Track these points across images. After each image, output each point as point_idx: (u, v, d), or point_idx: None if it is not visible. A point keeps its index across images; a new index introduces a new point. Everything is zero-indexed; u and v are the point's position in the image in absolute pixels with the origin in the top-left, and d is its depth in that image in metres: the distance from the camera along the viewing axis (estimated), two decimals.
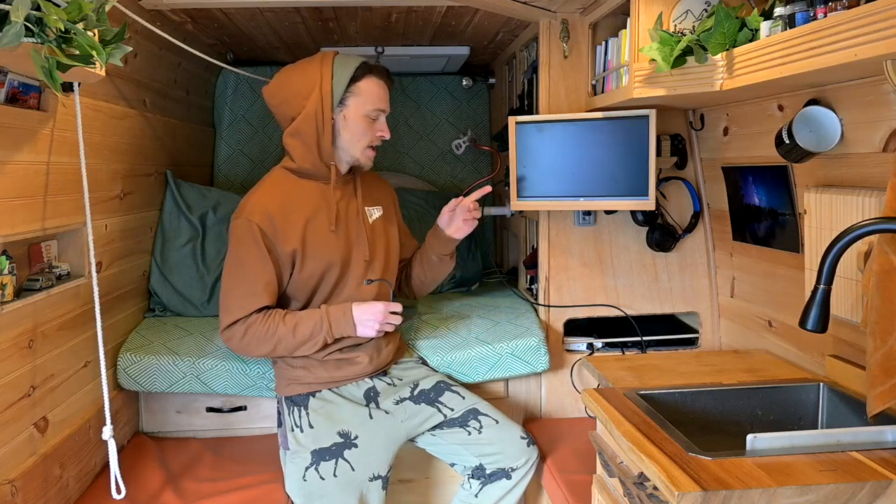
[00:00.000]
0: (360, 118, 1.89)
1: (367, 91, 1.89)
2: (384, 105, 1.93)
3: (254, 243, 1.84)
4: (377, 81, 1.91)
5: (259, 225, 1.84)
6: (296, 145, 1.90)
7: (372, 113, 1.90)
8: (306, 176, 1.94)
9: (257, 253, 1.84)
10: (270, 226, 1.85)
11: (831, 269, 1.28)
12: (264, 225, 1.84)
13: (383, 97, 1.93)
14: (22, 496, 1.55)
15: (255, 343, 1.85)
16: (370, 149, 1.94)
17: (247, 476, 1.96)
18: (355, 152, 1.92)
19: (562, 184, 2.17)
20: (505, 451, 1.93)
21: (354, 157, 1.93)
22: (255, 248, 1.84)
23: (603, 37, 2.15)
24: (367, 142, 1.92)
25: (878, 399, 1.31)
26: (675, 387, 1.68)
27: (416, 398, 1.98)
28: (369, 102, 1.89)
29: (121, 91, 2.12)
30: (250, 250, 1.84)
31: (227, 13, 2.29)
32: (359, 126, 1.90)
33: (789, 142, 1.60)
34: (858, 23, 1.17)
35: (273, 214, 1.86)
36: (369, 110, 1.90)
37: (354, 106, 1.89)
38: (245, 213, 1.86)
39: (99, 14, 1.33)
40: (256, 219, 1.84)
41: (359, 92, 1.89)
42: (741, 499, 1.15)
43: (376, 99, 1.91)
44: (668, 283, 2.40)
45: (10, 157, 1.52)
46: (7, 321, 1.53)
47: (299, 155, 1.91)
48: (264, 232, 1.84)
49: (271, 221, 1.85)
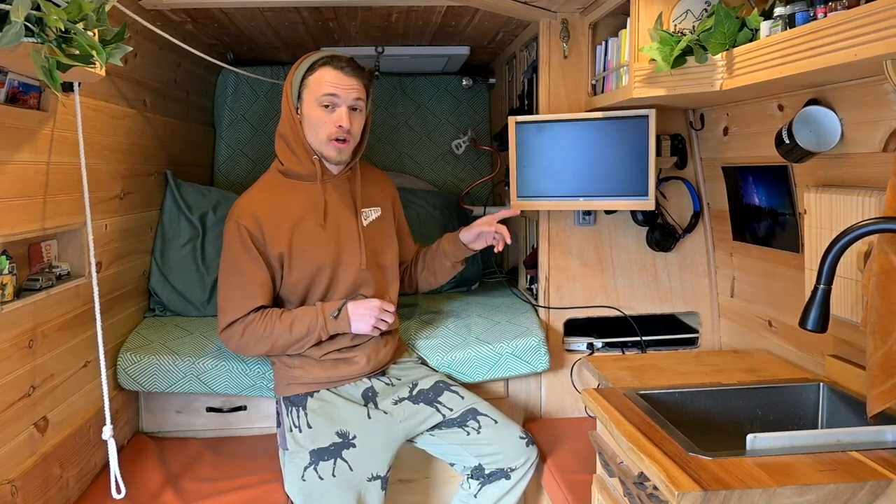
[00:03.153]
0: (313, 108, 1.86)
1: (319, 80, 1.86)
2: (335, 90, 1.84)
3: (243, 246, 1.86)
4: (330, 70, 1.86)
5: (247, 227, 1.86)
6: (281, 147, 1.95)
7: (322, 100, 1.84)
8: (295, 177, 1.94)
9: (248, 255, 1.86)
10: (258, 228, 1.87)
11: (831, 269, 1.28)
12: (252, 227, 1.86)
13: (335, 84, 1.84)
14: (22, 496, 1.55)
15: (253, 342, 1.86)
16: (335, 141, 1.87)
17: (246, 476, 1.96)
18: (318, 146, 1.89)
19: (562, 184, 2.17)
20: (504, 451, 1.93)
21: (320, 151, 1.90)
22: (245, 250, 1.86)
23: (603, 37, 2.15)
24: (325, 133, 1.86)
25: (878, 399, 1.31)
26: (675, 387, 1.68)
27: (414, 398, 1.98)
28: (319, 90, 1.85)
29: (121, 91, 2.12)
30: (241, 253, 1.86)
31: (227, 13, 2.29)
32: (312, 116, 1.87)
33: (789, 142, 1.60)
34: (858, 23, 1.17)
35: (260, 217, 1.87)
36: (318, 97, 1.85)
37: (307, 97, 1.87)
38: (234, 216, 1.88)
39: (99, 14, 1.33)
40: (244, 221, 1.86)
41: (311, 83, 1.87)
42: (741, 499, 1.15)
43: (326, 85, 1.85)
44: (667, 283, 2.40)
45: (10, 157, 1.52)
46: (7, 321, 1.53)
47: (285, 156, 1.94)
48: (252, 234, 1.86)
49: (258, 224, 1.87)
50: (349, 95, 1.86)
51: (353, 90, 1.86)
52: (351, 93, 1.86)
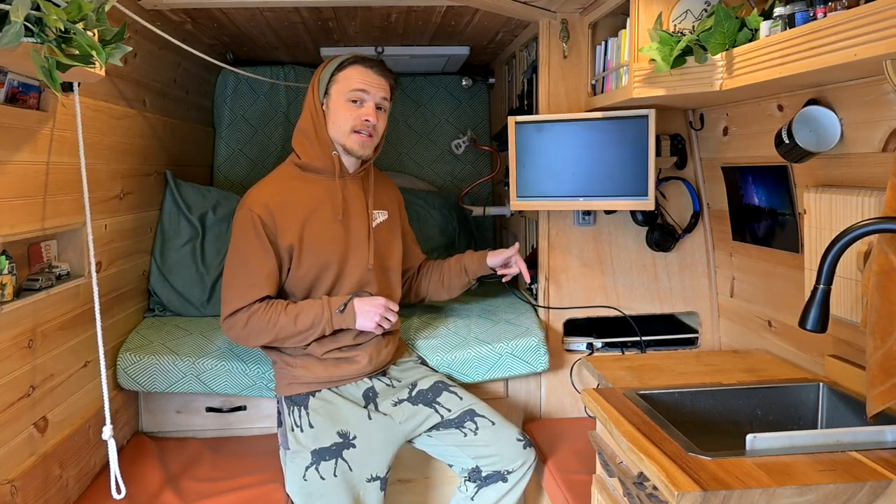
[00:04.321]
0: (340, 102, 1.91)
1: (348, 76, 1.91)
2: (364, 86, 1.90)
3: (255, 234, 1.86)
4: (360, 68, 1.92)
5: (260, 216, 1.87)
6: (300, 141, 1.97)
7: (351, 95, 1.90)
8: (312, 171, 1.96)
9: (259, 243, 1.86)
10: (270, 217, 1.88)
11: (831, 269, 1.28)
12: (264, 216, 1.87)
13: (365, 80, 1.91)
14: (22, 496, 1.55)
15: (256, 332, 1.86)
16: (356, 133, 1.91)
17: (247, 476, 1.96)
18: (341, 138, 1.92)
19: (561, 184, 2.17)
20: (501, 454, 1.92)
21: (342, 143, 1.93)
22: (257, 238, 1.86)
23: (603, 37, 2.15)
24: (349, 125, 1.90)
25: (877, 399, 1.31)
26: (674, 387, 1.68)
27: (413, 399, 1.97)
28: (348, 85, 1.91)
29: (121, 91, 2.12)
30: (252, 240, 1.87)
31: (227, 13, 2.29)
32: (339, 110, 1.91)
33: (789, 142, 1.60)
34: (858, 23, 1.17)
35: (272, 207, 1.88)
36: (348, 92, 1.90)
37: (336, 93, 1.92)
38: (247, 204, 1.90)
39: (99, 14, 1.33)
40: (257, 209, 1.87)
41: (340, 79, 1.92)
42: (741, 499, 1.15)
43: (355, 81, 1.90)
44: (667, 283, 2.40)
45: (9, 157, 1.52)
46: (7, 321, 1.53)
47: (304, 150, 1.96)
48: (265, 222, 1.87)
49: (271, 213, 1.88)
50: (378, 93, 1.92)
51: (381, 89, 1.93)
52: (379, 91, 1.92)
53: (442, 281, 2.21)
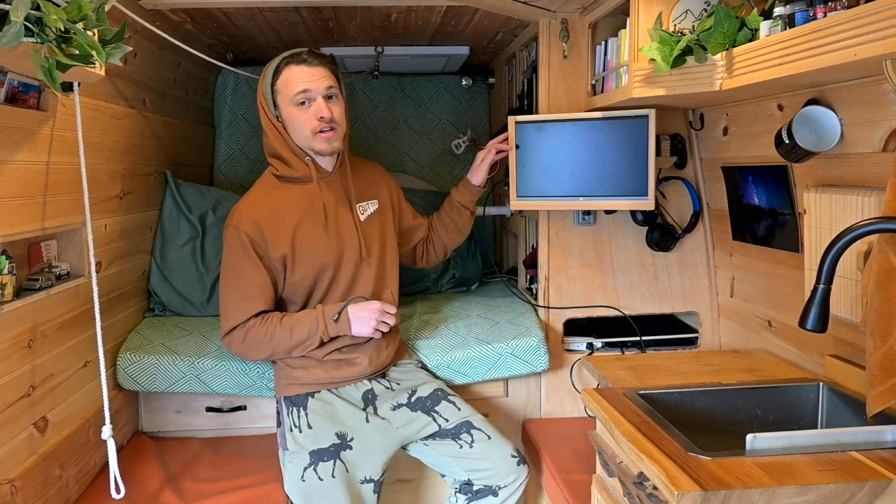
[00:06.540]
0: (291, 110, 1.87)
1: (286, 81, 1.87)
2: (304, 85, 1.84)
3: (243, 251, 1.86)
4: (294, 68, 1.86)
5: (247, 233, 1.86)
6: (271, 157, 1.97)
7: (296, 98, 1.85)
8: (292, 181, 1.95)
9: (248, 260, 1.86)
10: (258, 233, 1.87)
11: (831, 268, 1.28)
12: (252, 232, 1.86)
13: (302, 79, 1.84)
14: (22, 496, 1.55)
15: (255, 347, 1.87)
16: (319, 134, 1.87)
17: (246, 476, 1.96)
18: (306, 143, 1.90)
19: (561, 183, 2.17)
20: (494, 468, 1.90)
21: (310, 147, 1.90)
22: (246, 255, 1.86)
23: (603, 37, 2.15)
24: (308, 129, 1.87)
25: (877, 399, 1.31)
26: (674, 387, 1.68)
27: (412, 405, 1.97)
28: (290, 90, 1.86)
29: (120, 91, 2.12)
30: (241, 258, 1.87)
31: (227, 13, 2.29)
32: (293, 118, 1.88)
33: (789, 141, 1.60)
34: (858, 23, 1.17)
35: (260, 221, 1.87)
36: (292, 97, 1.86)
37: (283, 102, 1.88)
38: (233, 222, 1.89)
39: (99, 14, 1.33)
40: (244, 227, 1.86)
41: (280, 88, 1.88)
42: (741, 499, 1.15)
43: (294, 84, 1.85)
44: (667, 282, 2.40)
45: (9, 157, 1.52)
46: (7, 321, 1.53)
47: (279, 165, 1.95)
48: (253, 239, 1.86)
49: (259, 228, 1.87)
50: (320, 86, 1.86)
51: (322, 79, 1.86)
52: (321, 82, 1.86)
53: (447, 228, 2.23)
